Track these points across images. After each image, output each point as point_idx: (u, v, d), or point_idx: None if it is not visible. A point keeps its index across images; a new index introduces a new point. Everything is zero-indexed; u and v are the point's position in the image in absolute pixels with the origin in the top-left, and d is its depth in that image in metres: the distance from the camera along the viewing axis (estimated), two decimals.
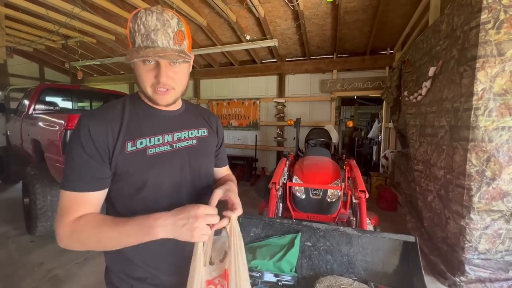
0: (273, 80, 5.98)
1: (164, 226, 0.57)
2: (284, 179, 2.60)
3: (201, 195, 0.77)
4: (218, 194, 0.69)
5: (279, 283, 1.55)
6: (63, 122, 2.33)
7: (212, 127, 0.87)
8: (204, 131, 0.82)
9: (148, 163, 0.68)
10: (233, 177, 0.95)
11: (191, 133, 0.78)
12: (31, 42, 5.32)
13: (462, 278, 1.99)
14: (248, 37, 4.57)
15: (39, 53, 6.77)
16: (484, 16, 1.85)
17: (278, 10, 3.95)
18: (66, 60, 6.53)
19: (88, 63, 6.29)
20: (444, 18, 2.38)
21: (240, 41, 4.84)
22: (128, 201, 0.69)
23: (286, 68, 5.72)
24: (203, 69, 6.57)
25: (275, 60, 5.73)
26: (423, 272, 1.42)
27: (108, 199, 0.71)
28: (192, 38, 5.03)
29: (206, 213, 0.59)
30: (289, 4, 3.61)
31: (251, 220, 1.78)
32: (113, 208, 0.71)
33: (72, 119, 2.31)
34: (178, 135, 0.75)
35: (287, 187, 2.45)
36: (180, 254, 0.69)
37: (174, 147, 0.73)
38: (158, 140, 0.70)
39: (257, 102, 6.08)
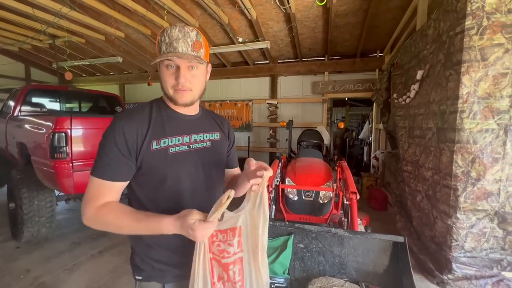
0: (265, 81, 6.00)
1: (169, 231, 0.69)
2: (277, 181, 2.62)
3: (212, 190, 0.88)
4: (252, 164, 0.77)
5: (272, 286, 1.56)
6: (50, 124, 2.28)
7: (224, 132, 0.98)
8: (217, 135, 0.93)
9: (169, 160, 0.78)
10: None
11: (206, 136, 0.89)
12: (16, 41, 5.16)
13: (449, 276, 2.05)
14: (240, 40, 4.58)
15: (25, 53, 6.57)
16: (468, 22, 1.91)
17: (270, 13, 3.97)
18: (53, 60, 6.36)
19: (76, 64, 6.15)
20: (431, 23, 2.45)
21: (232, 42, 4.84)
22: (151, 192, 0.79)
23: (278, 70, 5.76)
24: None
25: (268, 61, 5.75)
26: (412, 271, 1.46)
27: (132, 190, 0.81)
28: None
29: (203, 230, 0.66)
30: (281, 7, 3.64)
31: None
32: (136, 199, 0.81)
33: (60, 121, 2.26)
34: (195, 137, 0.85)
35: (280, 189, 2.46)
36: (190, 240, 0.77)
37: (191, 147, 0.84)
38: (178, 140, 0.81)
39: (250, 103, 6.08)
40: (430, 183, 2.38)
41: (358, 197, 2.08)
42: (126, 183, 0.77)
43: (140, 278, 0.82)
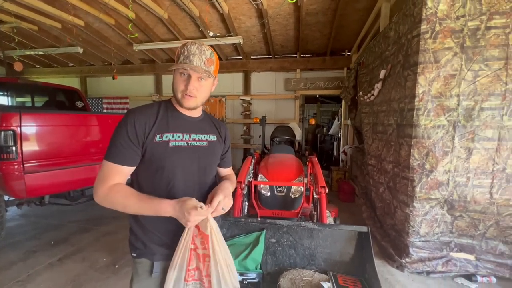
0: (238, 77, 5.96)
1: (167, 213, 0.83)
2: (250, 177, 2.63)
3: (203, 185, 1.00)
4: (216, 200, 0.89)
5: (244, 282, 1.58)
6: None
7: (221, 135, 1.09)
8: (214, 137, 1.05)
9: (168, 152, 0.90)
10: (233, 177, 1.17)
11: (204, 136, 1.01)
12: None
13: (407, 259, 2.24)
14: (211, 34, 4.46)
15: None
16: (423, 26, 2.07)
17: (242, 7, 3.92)
18: None
19: (28, 53, 5.53)
20: (392, 25, 2.61)
21: (203, 36, 4.71)
22: (149, 179, 0.92)
23: (252, 66, 5.75)
24: (166, 63, 6.25)
25: (241, 57, 5.71)
26: (374, 258, 1.57)
27: (135, 176, 0.94)
28: (152, 31, 4.75)
29: (197, 216, 0.80)
30: (253, 2, 3.62)
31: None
32: (137, 184, 0.94)
33: (6, 118, 2.02)
34: (194, 136, 0.97)
35: (252, 186, 2.48)
36: (178, 225, 0.88)
37: (189, 144, 0.96)
38: (179, 136, 0.94)
39: (223, 99, 6.01)
40: (391, 175, 2.56)
41: (327, 190, 2.18)
42: (132, 168, 0.90)
43: (134, 255, 0.95)
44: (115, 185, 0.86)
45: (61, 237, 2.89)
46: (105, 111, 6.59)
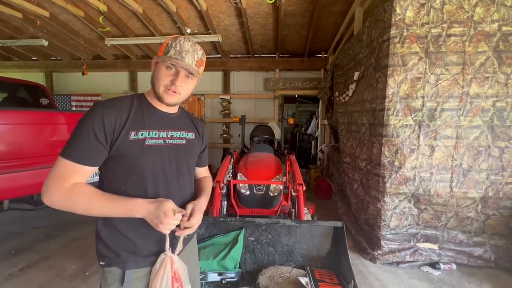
0: (218, 76, 5.90)
1: (141, 211, 0.78)
2: (229, 176, 2.62)
3: (183, 184, 0.95)
4: (188, 209, 0.88)
5: (223, 281, 1.57)
6: None
7: (199, 133, 1.05)
8: (192, 135, 1.00)
9: (144, 151, 0.84)
10: (209, 181, 1.14)
11: (182, 134, 0.95)
12: None
13: (379, 251, 2.37)
14: (188, 31, 4.37)
15: None
16: (393, 31, 2.20)
17: (221, 5, 3.88)
18: None
19: None
20: (365, 29, 2.74)
21: (181, 33, 4.59)
22: (122, 180, 0.83)
23: (231, 65, 5.72)
24: (141, 60, 6.01)
25: (220, 56, 5.65)
26: (348, 252, 1.64)
27: (103, 175, 0.85)
28: (126, 25, 4.54)
29: (172, 220, 0.78)
30: (232, 0, 3.60)
31: None
32: (105, 184, 0.84)
33: None
34: (171, 133, 0.92)
35: (232, 185, 2.47)
36: (153, 230, 0.82)
37: (166, 142, 0.90)
38: (155, 134, 0.87)
39: (202, 98, 5.91)
40: (364, 172, 2.69)
41: (304, 188, 2.23)
42: (94, 169, 0.81)
43: (103, 264, 0.86)
44: (75, 184, 0.76)
45: (24, 245, 2.66)
46: (74, 108, 6.19)
